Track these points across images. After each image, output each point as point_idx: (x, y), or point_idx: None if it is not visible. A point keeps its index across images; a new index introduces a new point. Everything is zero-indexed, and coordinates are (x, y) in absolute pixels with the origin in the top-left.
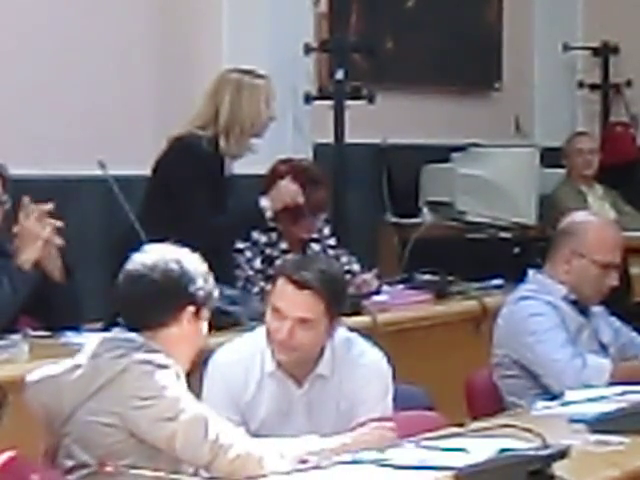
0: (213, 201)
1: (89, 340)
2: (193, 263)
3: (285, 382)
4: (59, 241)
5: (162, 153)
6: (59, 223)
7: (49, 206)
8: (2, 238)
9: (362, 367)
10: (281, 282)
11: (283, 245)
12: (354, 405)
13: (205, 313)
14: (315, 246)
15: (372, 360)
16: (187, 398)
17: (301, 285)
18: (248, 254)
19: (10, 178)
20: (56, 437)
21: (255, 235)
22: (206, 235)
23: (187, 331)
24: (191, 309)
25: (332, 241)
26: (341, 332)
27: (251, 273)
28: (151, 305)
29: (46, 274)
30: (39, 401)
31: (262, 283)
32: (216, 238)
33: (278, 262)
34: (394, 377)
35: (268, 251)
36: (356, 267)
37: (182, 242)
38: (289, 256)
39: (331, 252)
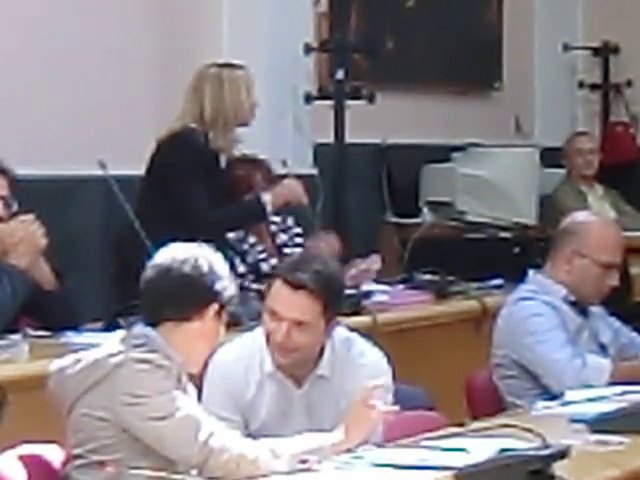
0: (211, 195)
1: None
2: (220, 263)
3: (285, 383)
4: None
5: (154, 151)
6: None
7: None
8: None
9: (362, 367)
10: (277, 284)
11: (252, 239)
12: None
13: (225, 314)
14: (283, 236)
15: (372, 360)
16: (181, 399)
17: (296, 286)
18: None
19: (16, 180)
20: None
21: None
22: (204, 228)
23: (208, 328)
24: (215, 307)
25: (298, 230)
26: (341, 332)
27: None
28: (179, 296)
29: (36, 283)
30: (51, 392)
31: (253, 285)
32: (215, 232)
33: (251, 257)
34: (394, 377)
35: (238, 246)
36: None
37: (180, 239)
38: (259, 248)
39: (298, 240)
